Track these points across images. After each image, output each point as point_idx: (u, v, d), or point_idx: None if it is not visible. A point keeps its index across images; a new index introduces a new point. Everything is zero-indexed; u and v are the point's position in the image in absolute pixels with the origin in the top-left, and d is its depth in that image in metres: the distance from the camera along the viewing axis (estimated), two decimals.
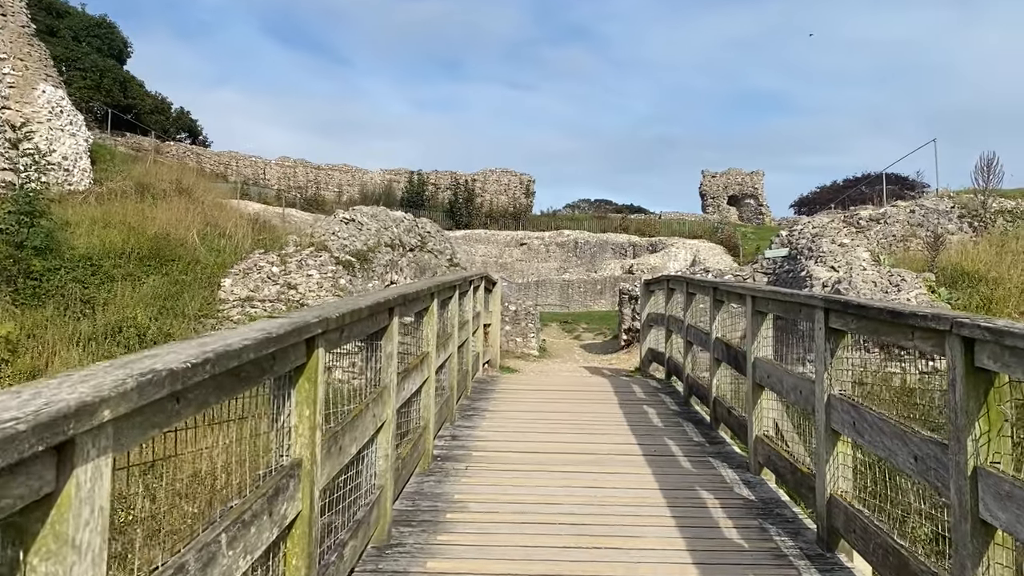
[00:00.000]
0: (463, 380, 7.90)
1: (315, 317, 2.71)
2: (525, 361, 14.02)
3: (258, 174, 53.46)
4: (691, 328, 7.91)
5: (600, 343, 17.48)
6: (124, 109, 53.24)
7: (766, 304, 5.19)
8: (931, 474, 2.95)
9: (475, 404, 7.75)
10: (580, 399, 8.19)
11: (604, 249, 42.17)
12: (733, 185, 55.92)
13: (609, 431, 6.66)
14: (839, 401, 3.92)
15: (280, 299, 11.07)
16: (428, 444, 5.47)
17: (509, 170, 53.20)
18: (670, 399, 8.25)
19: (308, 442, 2.75)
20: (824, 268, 12.92)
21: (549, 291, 33.47)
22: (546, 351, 15.78)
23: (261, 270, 11.51)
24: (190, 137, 59.36)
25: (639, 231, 43.69)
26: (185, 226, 12.42)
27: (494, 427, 6.75)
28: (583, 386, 9.29)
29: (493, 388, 8.80)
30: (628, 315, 15.35)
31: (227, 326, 10.26)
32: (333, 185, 53.74)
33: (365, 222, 14.12)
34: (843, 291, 11.26)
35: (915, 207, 14.16)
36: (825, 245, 13.60)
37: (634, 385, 9.24)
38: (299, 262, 11.71)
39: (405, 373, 4.64)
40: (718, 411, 6.63)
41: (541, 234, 43.48)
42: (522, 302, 15.35)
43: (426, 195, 49.43)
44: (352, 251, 12.86)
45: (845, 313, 3.83)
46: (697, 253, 38.10)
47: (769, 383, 5.12)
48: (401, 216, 15.35)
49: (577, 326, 19.60)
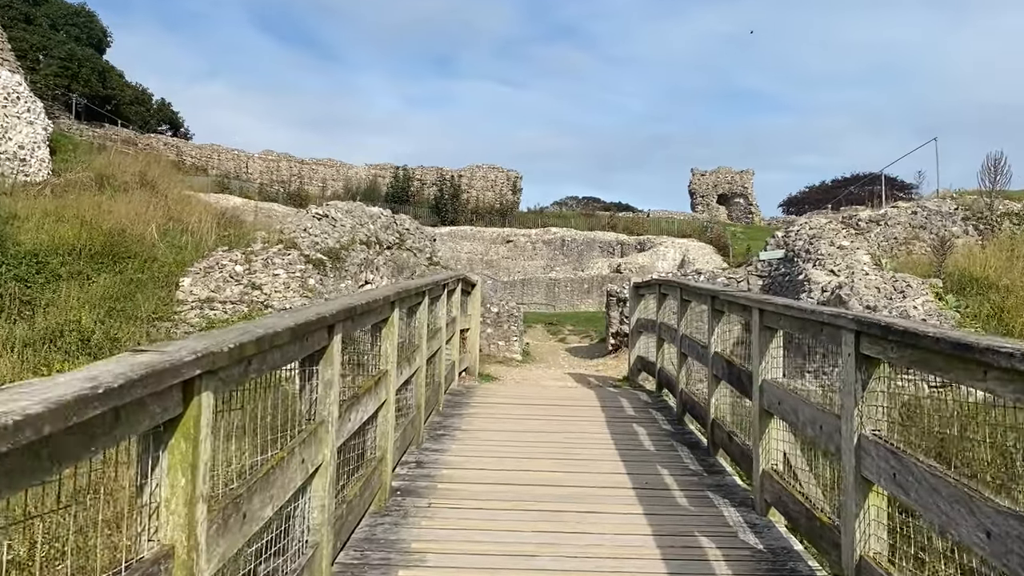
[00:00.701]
0: (434, 395, 7.17)
1: (192, 353, 1.96)
2: (507, 367, 13.30)
3: (240, 168, 52.54)
4: (686, 339, 7.21)
5: (586, 347, 16.78)
6: (103, 100, 52.19)
7: (777, 320, 4.48)
8: (1012, 558, 2.25)
9: (447, 421, 7.02)
10: (563, 416, 7.47)
11: (592, 247, 41.53)
12: (723, 184, 55.45)
13: (595, 456, 5.94)
14: (873, 445, 3.21)
15: (243, 300, 10.29)
16: (385, 477, 4.73)
17: (496, 166, 52.50)
18: (662, 416, 7.55)
19: (184, 522, 2.01)
20: (823, 272, 12.26)
21: (535, 290, 32.79)
22: (530, 355, 15.06)
23: (224, 269, 10.72)
24: (171, 129, 58.34)
25: (627, 229, 43.05)
26: (144, 221, 11.61)
27: (466, 451, 6.02)
28: (567, 400, 8.57)
29: (469, 401, 8.06)
30: (616, 318, 14.66)
31: (183, 329, 9.48)
32: (317, 180, 52.91)
33: (339, 218, 13.35)
34: (844, 297, 10.59)
35: (917, 208, 13.52)
36: (823, 247, 12.94)
37: (622, 399, 8.52)
38: (265, 261, 10.93)
39: (353, 400, 3.91)
40: (717, 435, 5.93)
41: (528, 231, 42.78)
42: (505, 303, 14.63)
43: (411, 191, 48.64)
44: (324, 249, 12.08)
45: (884, 339, 3.12)
46: (686, 252, 37.53)
47: (780, 411, 4.41)
48: (378, 212, 14.58)
49: (563, 328, 18.90)
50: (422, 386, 6.08)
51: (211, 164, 51.16)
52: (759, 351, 4.74)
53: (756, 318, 4.76)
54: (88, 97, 50.94)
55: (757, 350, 4.76)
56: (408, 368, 5.55)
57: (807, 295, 12.04)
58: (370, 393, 4.29)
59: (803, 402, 4.10)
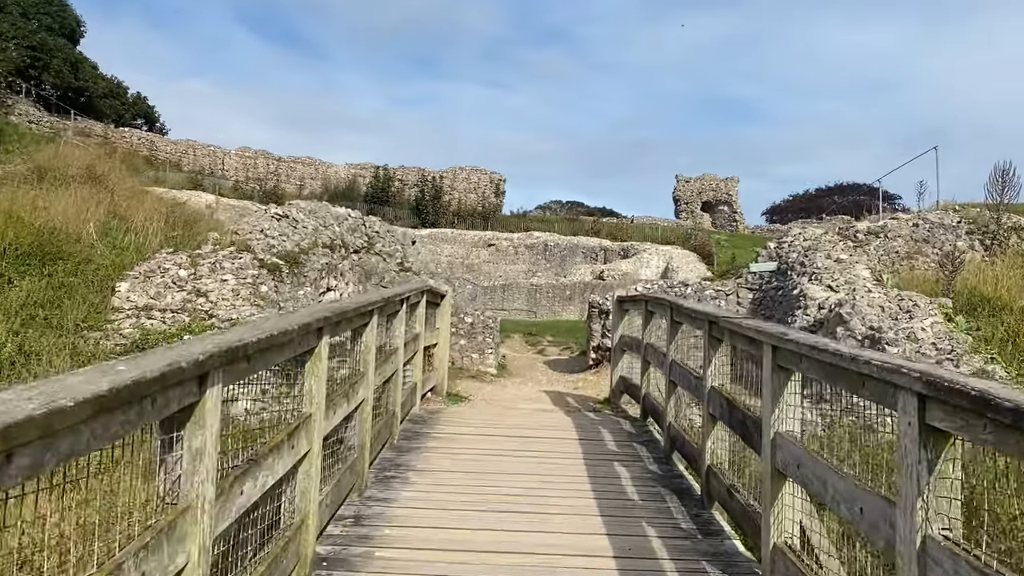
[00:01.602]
0: (387, 426, 6.23)
1: None
2: (480, 382, 12.36)
3: (216, 165, 51.42)
4: (676, 367, 6.30)
5: (566, 359, 15.87)
6: (76, 91, 50.81)
7: (796, 361, 3.58)
8: None
9: (401, 458, 6.08)
10: (535, 451, 6.54)
11: (575, 252, 40.71)
12: (707, 191, 54.92)
13: (570, 507, 5.02)
14: (948, 555, 2.31)
15: (186, 309, 9.28)
16: (306, 548, 3.78)
17: (479, 168, 51.67)
18: (647, 452, 6.64)
19: None
20: (820, 287, 11.43)
21: (516, 295, 31.91)
22: (505, 368, 14.13)
23: (166, 273, 9.71)
24: (147, 124, 57.04)
25: (611, 235, 42.30)
26: (84, 218, 10.58)
27: (418, 499, 5.08)
28: (541, 429, 7.62)
29: (430, 431, 7.11)
30: (598, 331, 13.76)
31: (114, 341, 8.47)
32: (295, 178, 51.85)
33: (301, 219, 12.36)
34: (845, 316, 9.76)
35: (918, 220, 12.74)
36: (820, 260, 12.12)
37: (603, 429, 7.59)
38: (213, 264, 9.93)
39: (251, 465, 2.96)
40: (713, 486, 5.03)
41: (510, 235, 41.92)
42: (479, 314, 13.70)
43: (392, 191, 47.65)
44: (281, 253, 11.10)
45: (966, 410, 2.22)
46: (670, 260, 36.82)
47: (800, 476, 3.51)
48: (345, 213, 13.60)
49: (542, 339, 17.98)
50: (367, 421, 5.14)
51: (186, 160, 50.08)
52: (771, 396, 3.85)
53: (768, 356, 3.86)
54: (60, 88, 49.57)
55: (769, 395, 3.87)
56: (347, 404, 4.61)
57: (803, 312, 11.21)
58: (284, 445, 3.36)
59: (833, 472, 3.19)
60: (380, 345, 6.01)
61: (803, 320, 11.04)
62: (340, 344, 5.24)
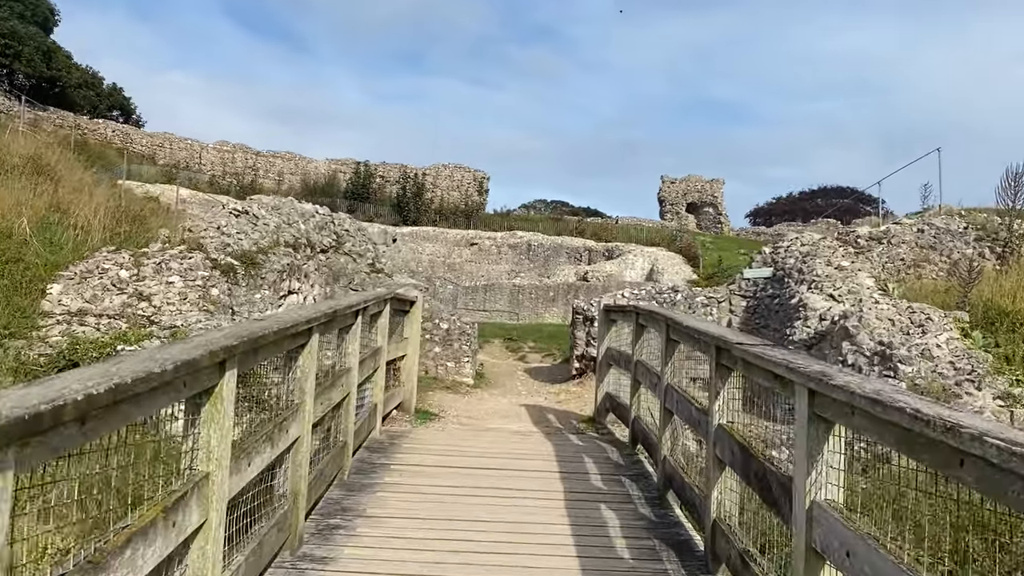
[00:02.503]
0: (335, 460, 5.31)
1: None
2: (455, 394, 11.45)
3: (193, 158, 50.24)
4: (674, 392, 5.42)
5: (548, 367, 14.99)
6: (48, 81, 49.48)
7: (846, 413, 2.70)
8: None
9: (351, 499, 5.16)
10: (509, 490, 5.63)
11: (559, 253, 39.88)
12: (692, 192, 54.29)
13: (548, 570, 4.14)
14: None
15: (125, 314, 8.31)
16: None
17: (463, 166, 50.77)
18: (638, 490, 5.75)
19: None
20: (821, 296, 10.61)
21: (498, 296, 31.04)
22: (483, 378, 13.23)
23: (105, 274, 8.73)
24: (123, 115, 55.71)
25: (595, 235, 41.50)
26: (18, 213, 9.58)
27: (361, 559, 4.17)
28: (517, 458, 6.69)
29: (388, 462, 6.19)
30: (582, 339, 12.89)
31: (38, 350, 7.50)
32: (274, 173, 50.75)
33: (263, 216, 11.41)
34: (851, 329, 8.94)
35: (924, 226, 11.96)
36: (819, 267, 11.31)
37: (588, 459, 6.69)
38: (158, 265, 8.95)
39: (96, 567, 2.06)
40: (720, 546, 4.15)
41: (493, 234, 41.03)
42: (456, 319, 12.79)
43: (373, 187, 46.61)
44: (237, 252, 10.13)
45: None
46: (655, 262, 36.08)
47: (853, 569, 2.63)
48: (312, 209, 12.64)
49: (523, 344, 17.08)
50: (304, 465, 4.22)
51: (162, 153, 48.90)
52: (806, 453, 2.98)
53: (804, 401, 2.99)
54: (33, 78, 48.20)
55: (803, 452, 3.00)
56: (272, 448, 3.70)
57: (802, 323, 10.39)
58: (168, 519, 2.45)
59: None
60: (328, 367, 5.10)
61: (803, 332, 10.23)
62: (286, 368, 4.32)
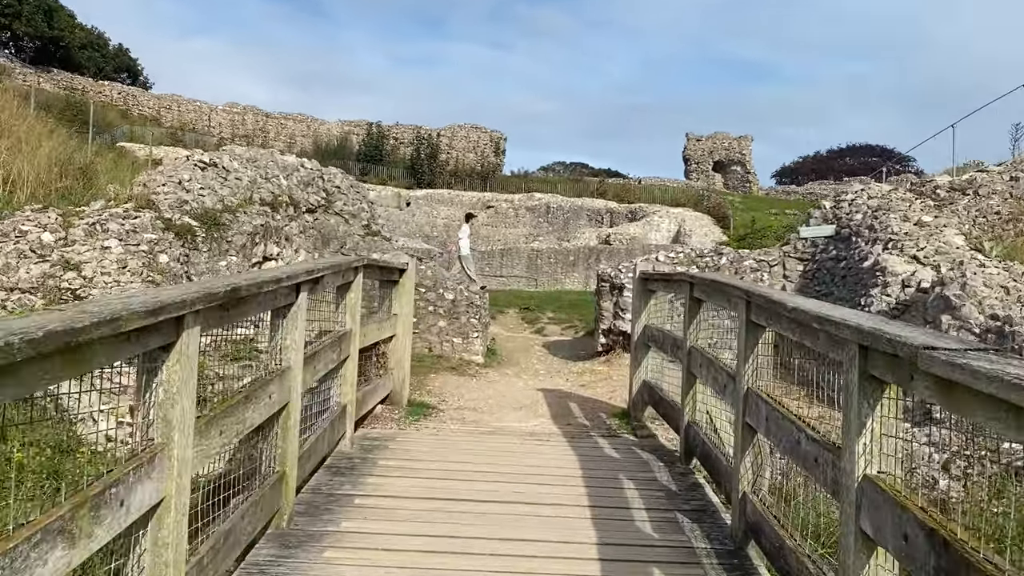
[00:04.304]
0: (260, 507, 3.63)
1: None
2: (460, 377, 9.78)
3: (202, 120, 48.69)
4: (761, 404, 3.66)
5: (569, 341, 13.29)
6: (52, 42, 48.03)
7: None
8: None
9: (280, 568, 3.50)
10: (515, 541, 3.93)
11: (579, 215, 37.91)
12: (719, 150, 51.92)
13: None
14: None
15: (45, 287, 6.68)
16: None
17: (479, 126, 48.72)
18: (703, 538, 4.01)
19: None
20: (901, 258, 8.78)
21: (515, 261, 29.24)
22: (495, 355, 11.56)
23: (24, 237, 7.08)
24: (129, 78, 54.22)
25: (617, 197, 39.44)
26: None
27: None
28: (532, 481, 4.92)
29: (355, 491, 4.50)
30: (609, 311, 11.15)
31: None
32: (285, 135, 49.09)
33: (235, 169, 9.69)
34: (953, 299, 7.12)
35: (1016, 173, 10.03)
36: (895, 223, 9.45)
37: (627, 481, 4.94)
38: (92, 227, 7.29)
39: None
40: None
41: (510, 196, 39.10)
42: (463, 289, 11.08)
43: (386, 149, 44.78)
44: (198, 211, 8.45)
45: None
46: (682, 223, 34.08)
47: None
48: (295, 162, 10.91)
49: (541, 315, 15.36)
50: (169, 546, 2.53)
51: (170, 116, 47.46)
52: None
53: None
54: (35, 39, 46.71)
55: None
56: (78, 543, 2.02)
57: (880, 290, 8.57)
58: None
59: None
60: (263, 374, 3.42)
61: (881, 302, 8.41)
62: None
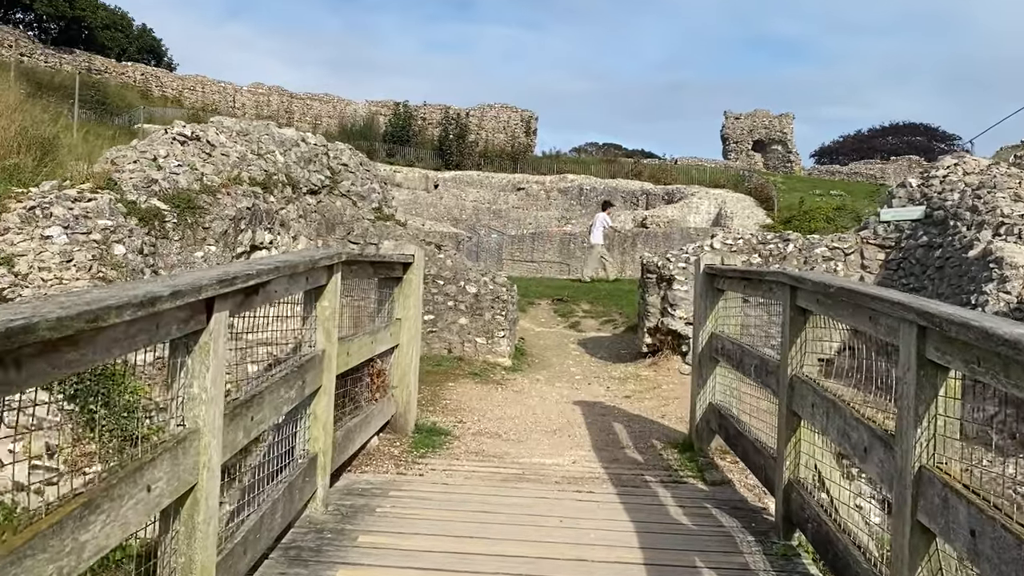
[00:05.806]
0: None
1: None
2: (482, 385, 8.38)
3: (227, 101, 47.82)
4: (960, 506, 2.21)
5: (608, 338, 11.82)
6: (74, 22, 47.44)
7: None
8: None
9: None
10: None
11: (613, 197, 36.16)
12: (759, 129, 49.80)
13: None
14: None
15: None
16: None
17: (509, 106, 47.07)
18: None
19: None
20: (1020, 245, 7.18)
21: (547, 245, 27.69)
22: (524, 356, 10.14)
23: None
24: (153, 59, 53.54)
25: (653, 178, 37.65)
26: None
27: None
28: (570, 560, 3.52)
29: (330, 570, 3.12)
30: (656, 306, 9.66)
31: None
32: (310, 116, 48.01)
33: (222, 143, 8.33)
34: None
35: None
36: (1004, 204, 7.83)
37: (700, 563, 3.51)
38: (31, 212, 5.99)
39: None
40: None
41: (542, 178, 37.47)
42: (487, 281, 9.66)
43: (413, 130, 43.38)
44: (169, 192, 7.10)
45: None
46: (723, 205, 32.26)
47: None
48: (295, 137, 9.52)
49: (576, 307, 13.88)
50: None
51: (193, 97, 46.70)
52: None
53: None
54: (56, 19, 46.07)
55: None
56: None
57: (995, 285, 6.98)
58: None
59: None
60: None
61: (998, 300, 6.83)
62: None
